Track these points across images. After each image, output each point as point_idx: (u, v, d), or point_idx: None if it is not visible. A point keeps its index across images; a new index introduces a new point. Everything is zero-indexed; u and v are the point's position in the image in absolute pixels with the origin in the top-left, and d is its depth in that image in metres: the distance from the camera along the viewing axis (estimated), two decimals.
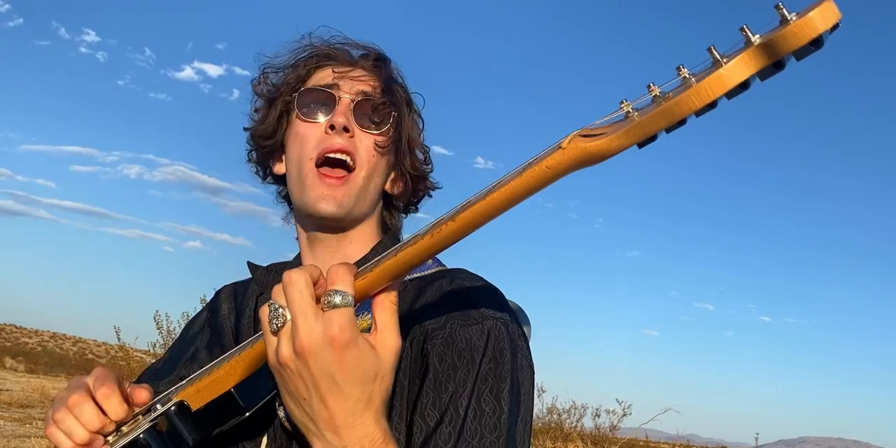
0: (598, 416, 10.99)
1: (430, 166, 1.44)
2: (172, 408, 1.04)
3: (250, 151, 1.45)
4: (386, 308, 0.88)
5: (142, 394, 1.11)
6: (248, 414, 1.08)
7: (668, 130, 0.69)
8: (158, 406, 1.09)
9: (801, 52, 0.62)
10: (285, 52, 1.42)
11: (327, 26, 1.43)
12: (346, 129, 1.28)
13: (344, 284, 0.84)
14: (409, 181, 1.41)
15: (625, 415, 10.36)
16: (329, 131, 1.28)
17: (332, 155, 1.27)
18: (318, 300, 0.84)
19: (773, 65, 0.63)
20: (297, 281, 0.84)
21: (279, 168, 1.41)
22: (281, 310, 0.85)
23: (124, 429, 1.10)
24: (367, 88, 1.34)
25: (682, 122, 0.68)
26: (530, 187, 0.75)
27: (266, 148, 1.41)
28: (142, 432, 1.01)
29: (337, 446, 0.85)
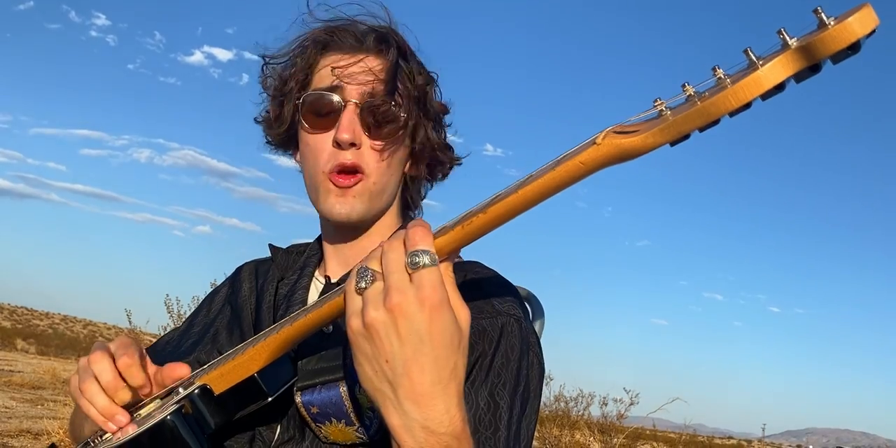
0: (606, 404, 10.94)
1: (445, 139, 1.39)
2: (196, 391, 1.05)
3: (267, 143, 1.43)
4: (448, 283, 0.84)
5: (181, 369, 1.12)
6: (270, 399, 1.09)
7: (702, 130, 0.69)
8: (181, 389, 1.09)
9: (839, 56, 0.62)
10: (286, 42, 1.37)
11: (325, 3, 1.35)
12: (353, 144, 1.25)
13: (426, 244, 0.81)
14: (427, 163, 1.39)
15: (632, 403, 10.30)
16: (335, 146, 1.26)
17: (343, 170, 1.26)
18: None
19: (810, 68, 0.64)
20: (397, 248, 0.82)
21: (298, 157, 1.40)
22: (371, 271, 0.83)
23: (142, 412, 1.11)
24: (374, 82, 1.27)
25: (715, 122, 0.68)
26: (563, 182, 0.76)
27: (282, 145, 1.41)
28: (169, 414, 1.01)
29: (416, 419, 0.79)
